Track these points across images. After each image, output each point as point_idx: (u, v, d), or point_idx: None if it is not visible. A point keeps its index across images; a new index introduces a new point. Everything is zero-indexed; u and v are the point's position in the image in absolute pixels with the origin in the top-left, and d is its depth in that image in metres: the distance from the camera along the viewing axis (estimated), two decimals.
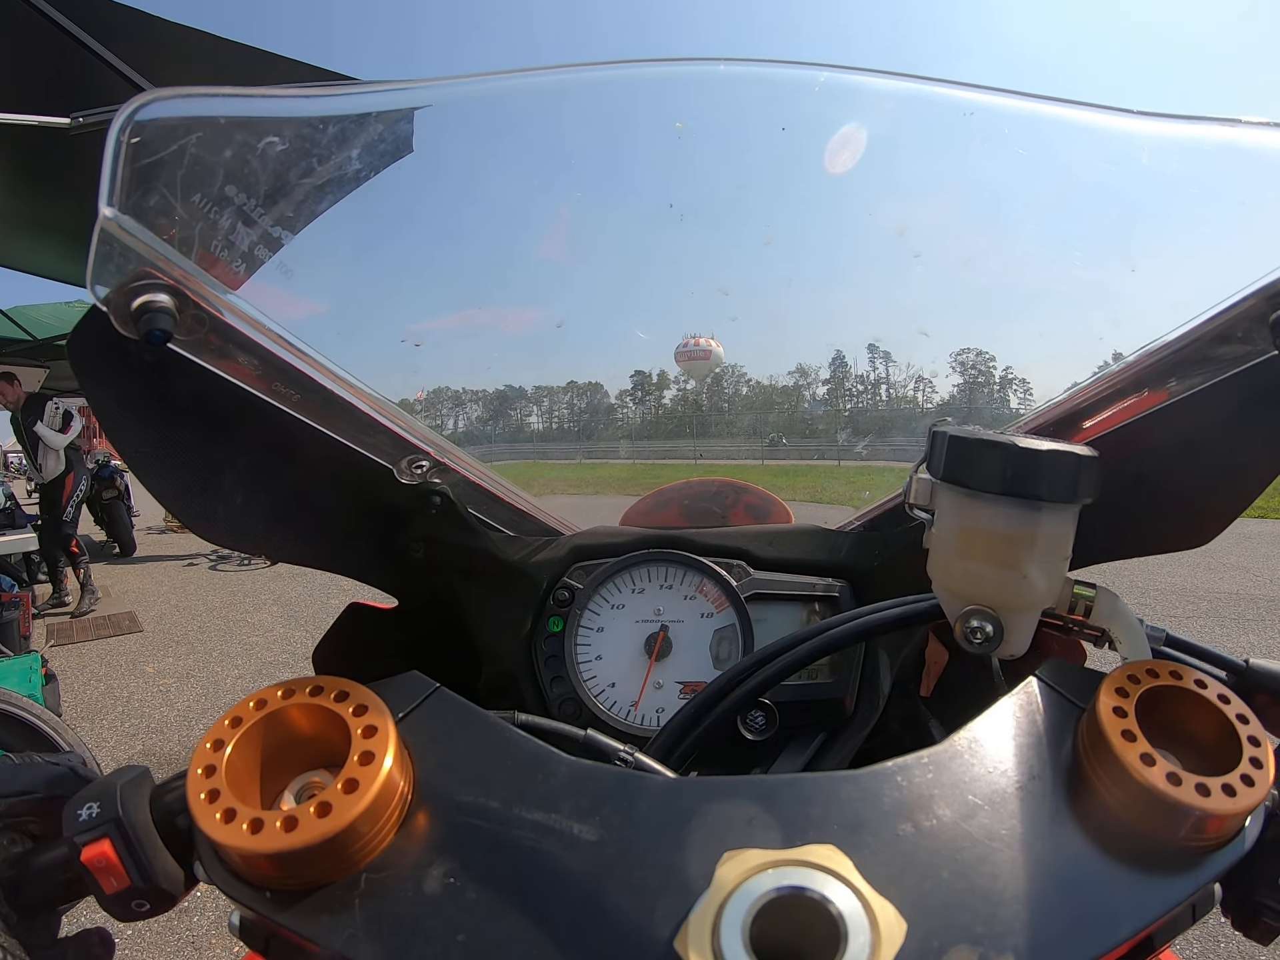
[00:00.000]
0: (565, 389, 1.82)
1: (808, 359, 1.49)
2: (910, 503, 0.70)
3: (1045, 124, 0.71)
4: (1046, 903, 0.44)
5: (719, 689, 0.78)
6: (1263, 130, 0.61)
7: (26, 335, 9.47)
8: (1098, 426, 0.78)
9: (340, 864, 0.45)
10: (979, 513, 0.60)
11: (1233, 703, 0.54)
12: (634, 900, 0.44)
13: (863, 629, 0.79)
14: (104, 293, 0.56)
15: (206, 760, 0.47)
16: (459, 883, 0.45)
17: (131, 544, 11.59)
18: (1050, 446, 0.56)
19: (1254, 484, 0.74)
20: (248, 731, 0.50)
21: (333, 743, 0.50)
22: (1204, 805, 0.47)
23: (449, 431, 1.47)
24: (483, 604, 1.01)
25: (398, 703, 0.54)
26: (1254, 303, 0.61)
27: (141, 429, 0.68)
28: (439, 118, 0.75)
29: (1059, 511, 0.59)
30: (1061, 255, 0.89)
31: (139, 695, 5.39)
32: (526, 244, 1.07)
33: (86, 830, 0.49)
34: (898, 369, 1.48)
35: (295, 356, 0.69)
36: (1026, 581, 0.60)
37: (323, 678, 0.52)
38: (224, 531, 0.76)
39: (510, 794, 0.50)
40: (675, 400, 1.93)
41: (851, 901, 0.40)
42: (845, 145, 0.83)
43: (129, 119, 0.54)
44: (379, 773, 0.46)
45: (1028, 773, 0.51)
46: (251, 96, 0.62)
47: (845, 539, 1.08)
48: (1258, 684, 0.66)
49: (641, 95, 0.83)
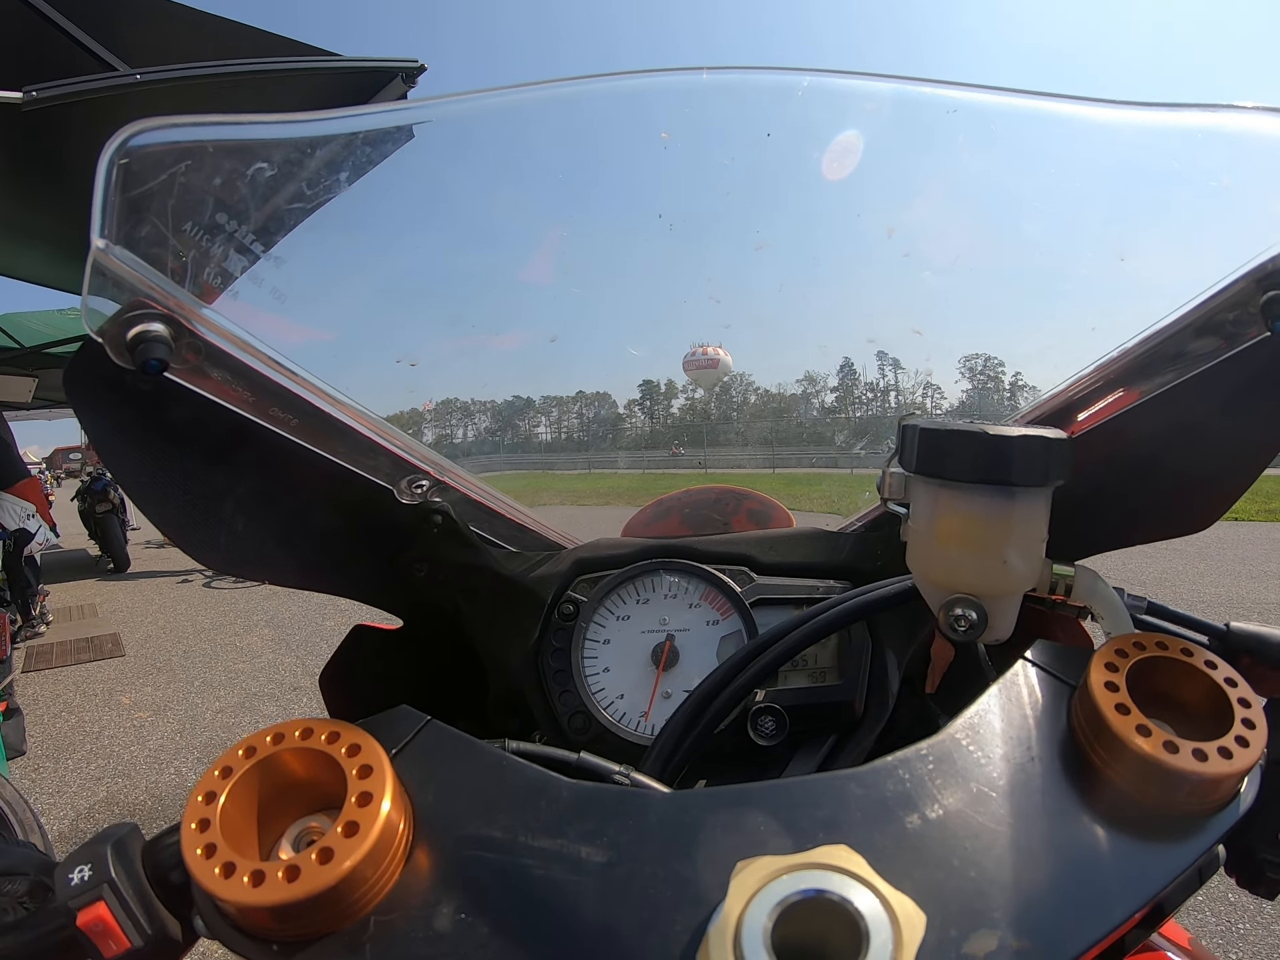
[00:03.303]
0: (574, 399, 1.83)
1: (808, 365, 1.50)
2: (885, 498, 0.71)
3: (1027, 118, 0.71)
4: (1058, 880, 0.44)
5: (705, 693, 0.78)
6: (1247, 114, 0.62)
7: (14, 343, 8.84)
8: (1093, 417, 0.78)
9: (347, 909, 0.44)
10: (954, 502, 0.61)
11: (1220, 667, 0.55)
12: (651, 918, 0.43)
13: (853, 610, 0.79)
14: (98, 324, 0.56)
15: (200, 814, 0.46)
16: (470, 917, 0.44)
17: (125, 560, 11.40)
18: (1020, 432, 0.57)
19: (1252, 466, 0.74)
20: (240, 780, 0.49)
21: (328, 785, 0.50)
22: (1202, 770, 0.48)
23: (458, 441, 1.47)
24: (488, 621, 1.01)
25: (389, 739, 0.53)
26: (1244, 286, 0.61)
27: (140, 459, 0.68)
28: (428, 136, 0.76)
29: (1032, 495, 0.60)
30: (1050, 247, 0.89)
31: (110, 730, 5.14)
32: (514, 260, 1.08)
33: (80, 894, 0.48)
34: (906, 375, 1.49)
35: (292, 381, 0.69)
36: (1006, 566, 0.60)
37: (311, 720, 0.51)
38: (226, 559, 0.76)
39: (513, 822, 0.49)
40: (684, 409, 1.93)
41: (870, 899, 0.40)
42: (830, 148, 0.84)
43: (119, 149, 0.54)
44: (379, 813, 0.46)
45: (1026, 754, 0.52)
46: (242, 124, 0.63)
47: (847, 540, 1.08)
48: (1241, 646, 0.68)
49: (625, 108, 0.84)
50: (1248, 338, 0.65)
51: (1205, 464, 0.77)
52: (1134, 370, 0.72)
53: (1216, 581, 8.01)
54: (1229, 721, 0.51)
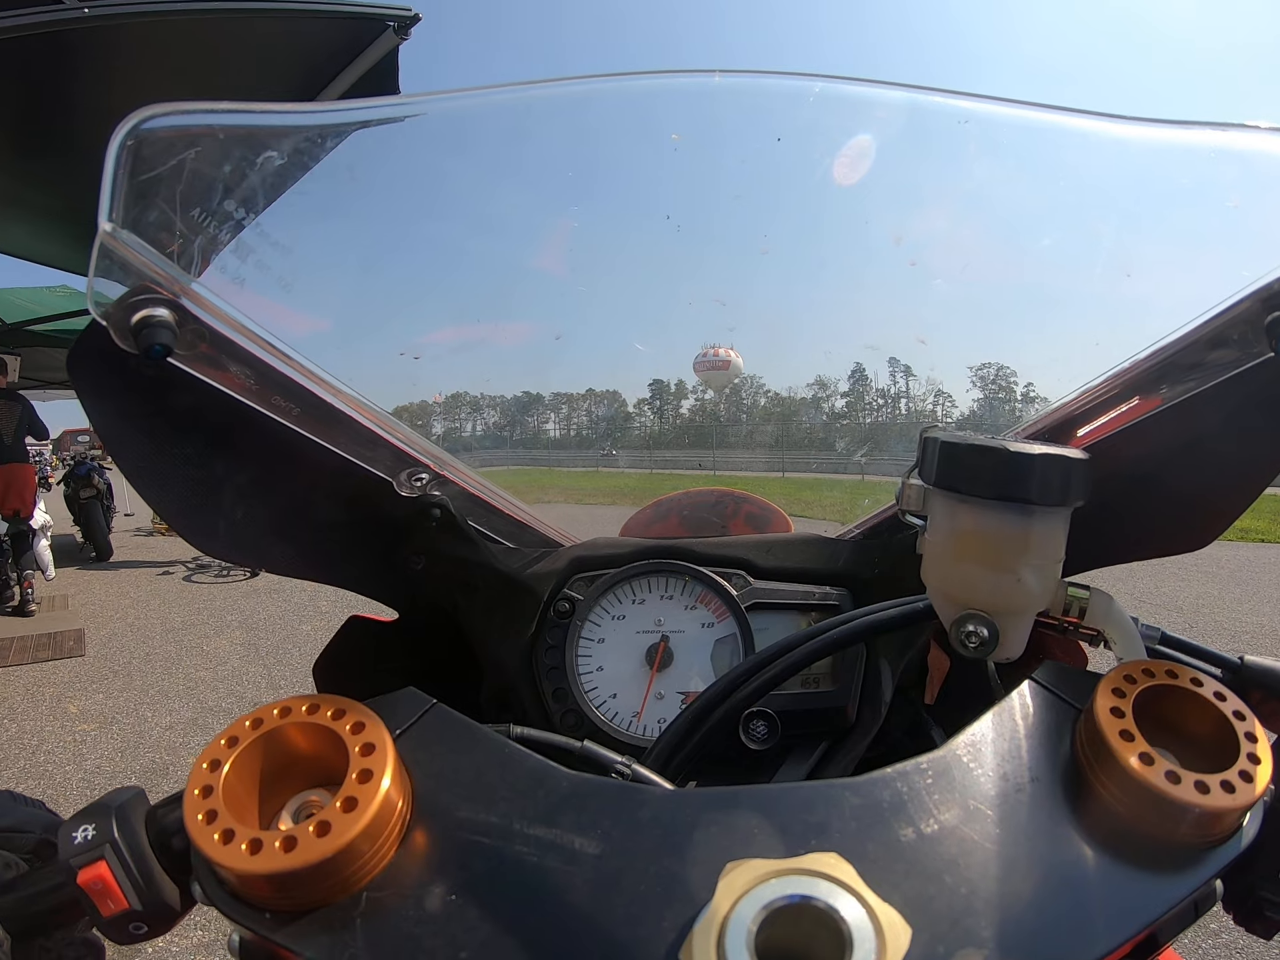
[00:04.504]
0: (584, 396, 1.82)
1: (816, 370, 1.50)
2: (903, 509, 0.71)
3: (1039, 131, 0.71)
4: (1050, 904, 0.44)
5: (714, 696, 0.78)
6: (1257, 134, 0.62)
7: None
8: (1096, 431, 0.78)
9: (341, 883, 0.45)
10: (971, 517, 0.60)
11: (1229, 699, 0.54)
12: (638, 914, 0.43)
13: (861, 629, 0.79)
14: (103, 307, 0.56)
15: (203, 780, 0.47)
16: (461, 900, 0.45)
17: (107, 548, 10.72)
18: (1041, 450, 0.56)
19: (1253, 485, 0.74)
20: (244, 751, 0.49)
21: (330, 761, 0.50)
22: (1203, 802, 0.47)
23: (466, 434, 1.46)
24: (484, 616, 1.01)
25: (394, 719, 0.54)
26: (1249, 305, 0.61)
27: (142, 444, 0.68)
28: (441, 130, 0.76)
29: (1051, 514, 0.59)
30: (1057, 261, 0.89)
31: (50, 743, 4.70)
32: (524, 258, 1.08)
33: (83, 852, 0.48)
34: (917, 382, 1.48)
35: (295, 370, 0.69)
36: (1021, 584, 0.60)
37: (319, 695, 0.52)
38: (224, 546, 0.76)
39: (510, 809, 0.49)
40: (694, 410, 1.93)
41: (856, 909, 0.40)
42: (839, 154, 0.84)
43: (129, 132, 0.54)
44: (378, 790, 0.46)
45: (1027, 775, 0.52)
46: (252, 112, 0.63)
47: (845, 547, 1.08)
48: (1253, 681, 0.67)
49: (638, 107, 0.84)
50: (1251, 357, 0.64)
51: (1206, 481, 0.77)
52: (1137, 387, 0.72)
53: (1256, 609, 7.48)
54: (1234, 755, 0.51)
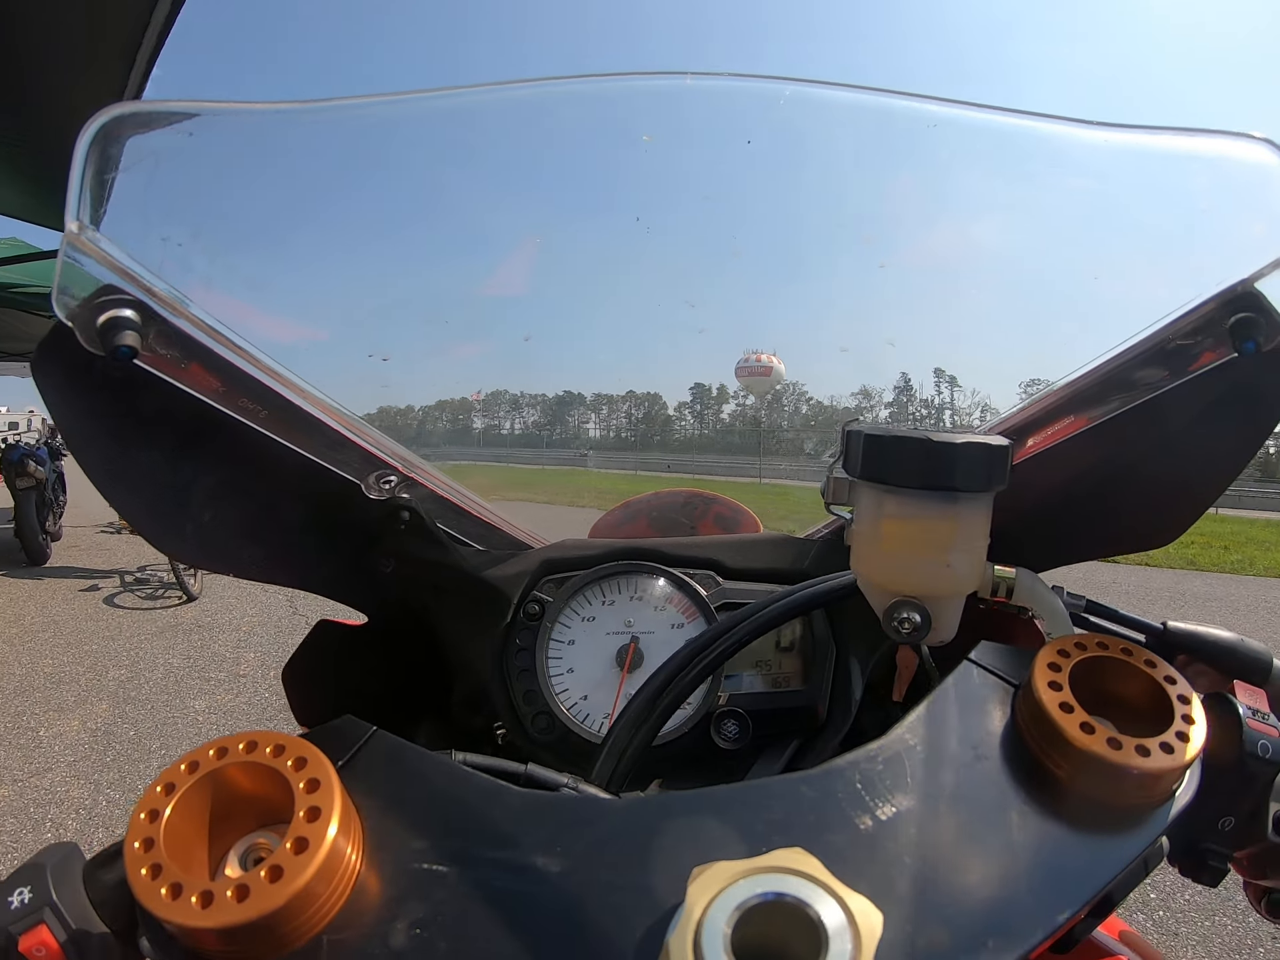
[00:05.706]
0: (624, 398, 1.82)
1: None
2: (829, 502, 0.72)
3: (1008, 135, 0.72)
4: (1009, 875, 0.46)
5: (649, 695, 0.77)
6: (1222, 140, 0.64)
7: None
8: (1062, 431, 0.80)
9: (298, 929, 0.42)
10: (898, 507, 0.62)
11: (1159, 666, 0.57)
12: (609, 927, 0.43)
13: (793, 605, 0.81)
14: (69, 308, 0.55)
15: (143, 833, 0.44)
16: (426, 932, 0.43)
17: (38, 551, 9.03)
18: (963, 439, 0.59)
19: (1219, 481, 0.77)
20: (183, 797, 0.46)
21: (274, 800, 0.48)
22: (1145, 765, 0.50)
23: (504, 432, 1.45)
24: (454, 618, 1.01)
25: (335, 750, 0.51)
26: (1214, 308, 0.64)
27: (108, 446, 0.66)
28: (410, 132, 0.75)
29: (975, 500, 0.61)
30: (1025, 264, 0.91)
31: None
32: (492, 259, 1.07)
33: (21, 918, 0.45)
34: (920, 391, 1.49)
35: (262, 372, 0.68)
36: (949, 570, 0.62)
37: (255, 732, 0.49)
38: (192, 549, 0.75)
39: (465, 833, 0.48)
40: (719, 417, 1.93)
41: (827, 900, 0.40)
42: (810, 157, 0.84)
43: (97, 132, 0.53)
44: (328, 827, 0.44)
45: (974, 753, 0.54)
46: (223, 109, 0.62)
47: (813, 546, 1.09)
48: (1177, 644, 0.71)
49: (610, 109, 0.84)
50: (1217, 357, 0.67)
51: (1171, 480, 0.80)
52: (1103, 387, 0.74)
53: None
54: (1169, 718, 0.53)
